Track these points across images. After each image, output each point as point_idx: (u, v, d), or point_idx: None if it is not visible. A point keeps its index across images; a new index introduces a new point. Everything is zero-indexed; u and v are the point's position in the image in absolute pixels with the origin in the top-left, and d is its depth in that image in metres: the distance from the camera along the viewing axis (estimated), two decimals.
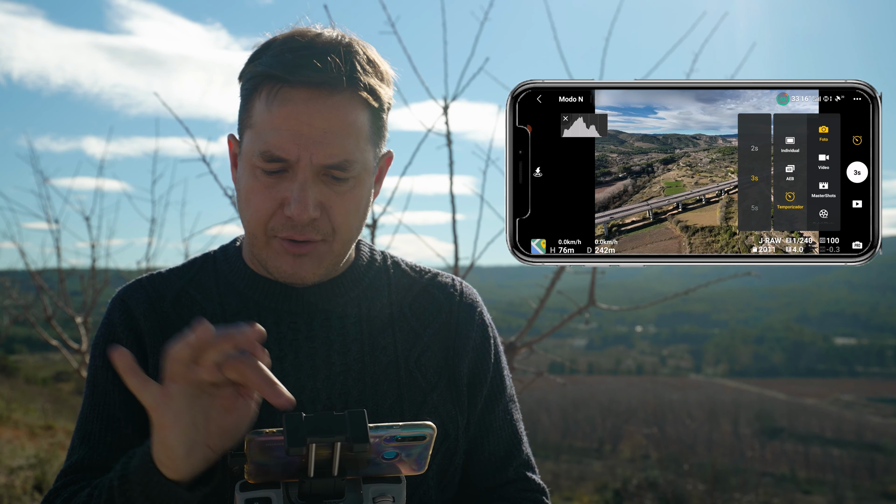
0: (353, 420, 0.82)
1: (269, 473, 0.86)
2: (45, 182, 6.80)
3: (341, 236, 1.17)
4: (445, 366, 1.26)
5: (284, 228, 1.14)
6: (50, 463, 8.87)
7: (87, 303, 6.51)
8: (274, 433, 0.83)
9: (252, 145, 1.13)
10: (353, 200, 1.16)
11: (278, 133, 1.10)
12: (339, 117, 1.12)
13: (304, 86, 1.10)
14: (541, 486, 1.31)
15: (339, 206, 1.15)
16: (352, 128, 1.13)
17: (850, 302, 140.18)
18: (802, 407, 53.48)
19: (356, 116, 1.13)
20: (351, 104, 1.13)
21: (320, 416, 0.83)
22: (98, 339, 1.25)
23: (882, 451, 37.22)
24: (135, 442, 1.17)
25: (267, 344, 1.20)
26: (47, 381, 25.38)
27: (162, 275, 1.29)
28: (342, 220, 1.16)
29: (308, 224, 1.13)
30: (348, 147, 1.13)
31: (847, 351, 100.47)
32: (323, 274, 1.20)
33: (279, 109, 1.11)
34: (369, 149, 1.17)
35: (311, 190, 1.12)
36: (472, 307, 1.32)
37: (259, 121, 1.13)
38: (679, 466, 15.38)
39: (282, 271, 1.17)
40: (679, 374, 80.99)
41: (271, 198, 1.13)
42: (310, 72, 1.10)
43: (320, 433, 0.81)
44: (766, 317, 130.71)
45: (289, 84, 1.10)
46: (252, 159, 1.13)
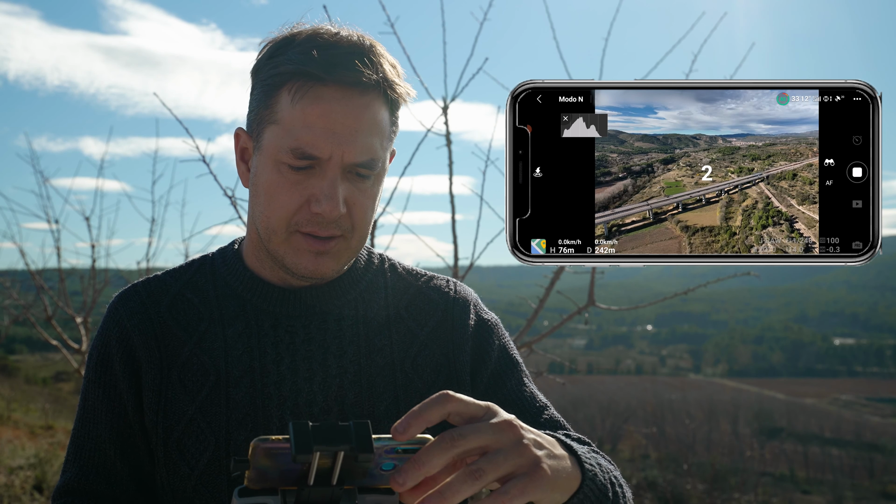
0: (358, 431, 0.84)
1: (269, 480, 0.87)
2: (45, 182, 6.82)
3: (359, 233, 1.19)
4: (445, 363, 1.26)
5: (308, 224, 1.14)
6: (50, 463, 8.87)
7: (87, 303, 6.51)
8: (280, 440, 0.83)
9: (279, 141, 1.13)
10: (372, 197, 1.19)
11: (311, 131, 1.11)
12: (369, 116, 1.14)
13: (337, 84, 1.12)
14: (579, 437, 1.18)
15: (360, 204, 1.17)
16: (378, 127, 1.15)
17: (849, 302, 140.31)
18: (801, 407, 53.51)
19: (382, 116, 1.16)
20: (377, 103, 1.15)
21: (326, 424, 0.84)
22: (93, 350, 1.26)
23: (881, 450, 37.24)
24: (116, 466, 1.20)
25: (264, 347, 1.21)
26: (47, 381, 25.38)
27: (158, 278, 1.29)
28: (361, 216, 1.17)
29: (333, 221, 1.14)
30: (375, 146, 1.15)
31: (846, 351, 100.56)
32: (339, 270, 1.21)
33: (311, 107, 1.11)
34: (388, 147, 1.20)
35: (340, 186, 1.13)
36: (466, 302, 1.32)
37: (287, 117, 1.13)
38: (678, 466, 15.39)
39: (301, 267, 1.17)
40: (678, 374, 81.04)
41: (298, 194, 1.14)
42: (345, 70, 1.11)
43: (326, 442, 0.82)
44: (766, 317, 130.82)
45: (322, 82, 1.11)
46: (278, 155, 1.13)
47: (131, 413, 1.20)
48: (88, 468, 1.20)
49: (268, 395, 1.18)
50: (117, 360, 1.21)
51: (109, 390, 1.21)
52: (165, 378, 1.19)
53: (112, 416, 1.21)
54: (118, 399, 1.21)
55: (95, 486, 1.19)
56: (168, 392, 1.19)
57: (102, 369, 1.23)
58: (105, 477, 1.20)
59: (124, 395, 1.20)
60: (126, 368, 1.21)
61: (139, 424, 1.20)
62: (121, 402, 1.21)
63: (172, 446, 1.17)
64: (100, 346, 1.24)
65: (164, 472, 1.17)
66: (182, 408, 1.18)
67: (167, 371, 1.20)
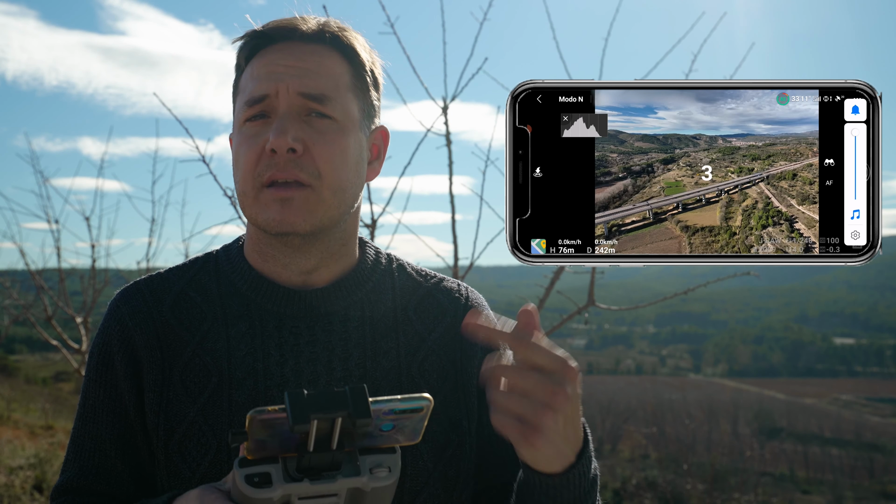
0: (355, 395, 0.83)
1: (269, 449, 0.87)
2: (45, 182, 6.81)
3: (328, 181, 1.15)
4: (452, 370, 1.24)
5: (268, 169, 1.13)
6: (50, 463, 8.87)
7: (87, 303, 6.51)
8: (276, 410, 0.83)
9: (239, 107, 1.19)
10: (337, 144, 1.16)
11: (257, 79, 1.16)
12: (315, 60, 1.17)
13: (281, 41, 1.17)
14: None
15: (321, 146, 1.14)
16: (327, 70, 1.17)
17: (849, 302, 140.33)
18: (801, 407, 53.52)
19: (332, 64, 1.18)
20: (326, 52, 1.18)
21: (322, 392, 0.84)
22: (94, 348, 1.24)
23: (881, 450, 37.24)
24: (117, 466, 1.19)
25: (268, 349, 1.19)
26: (47, 381, 25.40)
27: (161, 275, 1.27)
28: (327, 162, 1.14)
29: (290, 160, 1.13)
30: (325, 83, 1.16)
31: (846, 351, 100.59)
32: (315, 225, 1.16)
33: (257, 62, 1.17)
34: (351, 98, 1.19)
35: (291, 122, 1.14)
36: (478, 310, 1.30)
37: (243, 83, 1.19)
38: (678, 466, 15.39)
39: (270, 220, 1.14)
40: (678, 374, 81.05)
41: (256, 144, 1.15)
42: (286, 29, 1.17)
43: (323, 409, 0.82)
44: (766, 317, 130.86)
45: (270, 42, 1.18)
46: (239, 119, 1.18)
47: (132, 413, 1.19)
48: (88, 468, 1.19)
49: (270, 398, 1.16)
50: (119, 360, 1.20)
51: (110, 390, 1.20)
52: (167, 379, 1.18)
53: (113, 416, 1.20)
54: (119, 399, 1.20)
55: (95, 486, 1.18)
56: (169, 393, 1.17)
57: (104, 368, 1.21)
58: (105, 477, 1.19)
59: (125, 394, 1.19)
60: (127, 368, 1.19)
61: (140, 425, 1.19)
62: (122, 401, 1.20)
63: (173, 449, 1.15)
64: (101, 345, 1.23)
65: (164, 475, 1.16)
66: (183, 409, 1.16)
67: (169, 372, 1.18)
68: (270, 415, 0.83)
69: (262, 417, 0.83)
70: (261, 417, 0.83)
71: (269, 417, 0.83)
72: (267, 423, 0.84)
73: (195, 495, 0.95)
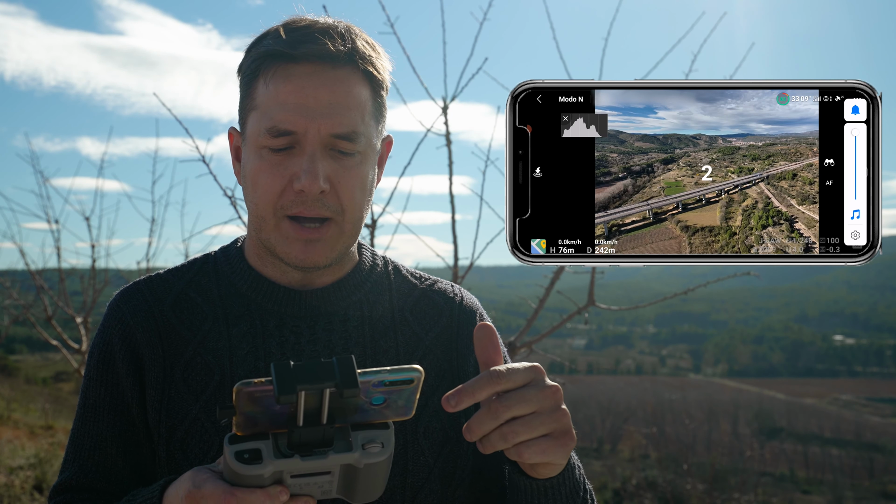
0: (342, 366, 0.82)
1: (258, 424, 0.85)
2: (44, 182, 6.81)
3: (350, 215, 1.16)
4: (448, 369, 1.25)
5: (294, 205, 1.13)
6: (50, 463, 8.87)
7: (87, 303, 6.51)
8: (263, 383, 0.82)
9: (258, 125, 1.14)
10: (359, 177, 1.16)
11: (284, 108, 1.11)
12: (344, 90, 1.13)
13: (307, 60, 1.12)
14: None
15: (346, 182, 1.14)
16: (356, 101, 1.14)
17: (849, 302, 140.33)
18: (801, 407, 53.52)
19: (359, 91, 1.15)
20: (353, 78, 1.14)
21: (309, 363, 0.82)
22: (94, 348, 1.24)
23: (881, 450, 37.26)
24: (118, 464, 1.19)
25: (269, 347, 1.20)
26: (47, 381, 25.41)
27: (161, 276, 1.28)
28: (349, 196, 1.15)
29: (318, 199, 1.13)
30: (354, 119, 1.13)
31: (846, 351, 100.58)
32: (335, 258, 1.18)
33: (284, 85, 1.12)
34: (372, 125, 1.18)
35: (321, 162, 1.12)
36: (473, 311, 1.32)
37: (264, 100, 1.13)
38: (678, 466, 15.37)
39: (291, 256, 1.16)
40: (678, 374, 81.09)
41: (280, 175, 1.13)
42: (312, 46, 1.11)
43: (310, 380, 0.81)
44: (766, 317, 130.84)
45: (293, 60, 1.12)
46: (258, 139, 1.13)
47: (135, 410, 1.19)
48: (88, 466, 1.19)
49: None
50: (120, 358, 1.20)
51: (112, 388, 1.20)
52: (169, 376, 1.18)
53: (114, 414, 1.20)
54: (120, 397, 1.20)
55: (95, 484, 1.18)
56: (171, 391, 1.18)
57: (105, 367, 1.21)
58: (106, 475, 1.19)
59: (127, 392, 1.19)
60: (129, 366, 1.20)
61: (142, 422, 1.19)
62: (123, 399, 1.20)
63: (175, 446, 1.16)
64: (101, 344, 1.23)
65: (165, 472, 1.16)
66: (185, 407, 1.17)
67: (170, 370, 1.19)
68: (257, 387, 0.81)
69: (248, 390, 0.81)
70: (247, 390, 0.81)
71: (256, 390, 0.81)
72: (254, 395, 0.82)
73: (188, 476, 0.95)
